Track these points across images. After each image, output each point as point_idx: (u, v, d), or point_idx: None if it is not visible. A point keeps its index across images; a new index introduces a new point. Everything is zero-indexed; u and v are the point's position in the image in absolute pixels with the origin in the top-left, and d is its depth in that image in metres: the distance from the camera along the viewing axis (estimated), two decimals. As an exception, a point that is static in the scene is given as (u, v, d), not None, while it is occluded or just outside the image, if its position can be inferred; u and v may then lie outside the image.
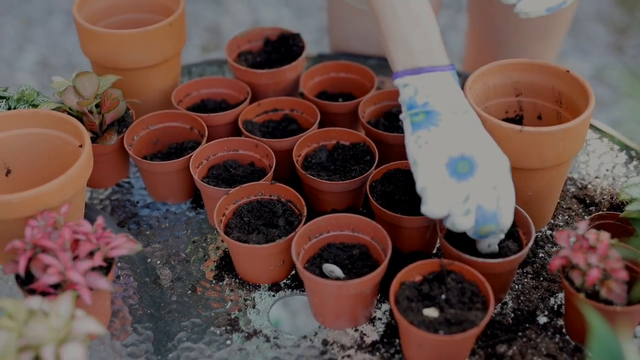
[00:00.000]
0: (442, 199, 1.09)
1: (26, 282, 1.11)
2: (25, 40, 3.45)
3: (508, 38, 1.70)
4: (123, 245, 1.11)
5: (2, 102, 1.31)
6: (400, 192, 1.28)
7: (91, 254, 1.09)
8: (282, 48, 1.56)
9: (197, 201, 1.40)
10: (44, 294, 1.08)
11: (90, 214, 1.32)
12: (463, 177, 1.09)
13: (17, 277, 1.11)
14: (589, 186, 1.40)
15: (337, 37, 1.78)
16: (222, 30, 3.45)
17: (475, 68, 1.62)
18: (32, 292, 1.09)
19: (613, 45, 3.37)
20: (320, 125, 1.42)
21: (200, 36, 3.43)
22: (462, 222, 1.09)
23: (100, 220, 1.12)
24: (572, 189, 1.40)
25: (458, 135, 1.11)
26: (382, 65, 1.70)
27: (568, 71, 1.26)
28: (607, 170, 1.43)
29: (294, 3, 3.61)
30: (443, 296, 1.11)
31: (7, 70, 3.24)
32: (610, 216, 1.23)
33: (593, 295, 1.09)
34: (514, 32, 1.69)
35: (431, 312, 1.09)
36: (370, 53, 1.73)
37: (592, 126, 1.53)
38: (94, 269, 1.11)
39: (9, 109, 1.30)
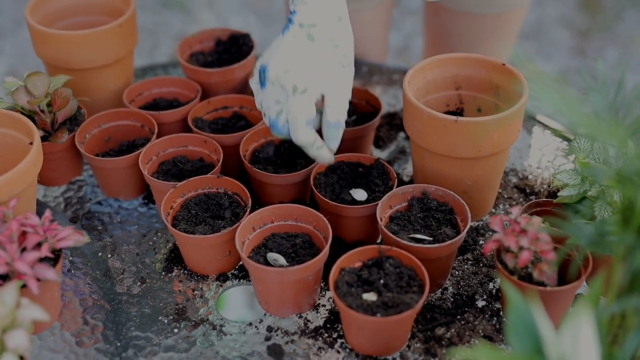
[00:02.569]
0: (255, 98, 1.29)
1: (-25, 274, 1.14)
2: (-5, 51, 3.47)
3: (460, 40, 1.75)
4: (70, 236, 1.14)
5: (-45, 102, 1.34)
6: (344, 183, 1.32)
7: (39, 246, 1.13)
8: (232, 48, 1.60)
9: (148, 197, 1.43)
10: (-8, 285, 1.11)
11: (42, 211, 1.35)
12: (262, 85, 1.25)
13: (-34, 269, 1.14)
14: (530, 177, 1.44)
15: None
16: (191, 38, 3.48)
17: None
18: (-20, 283, 1.11)
19: (576, 49, 3.43)
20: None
21: (169, 45, 3.46)
22: (265, 121, 1.27)
23: (47, 213, 1.15)
24: (514, 179, 1.44)
25: (281, 47, 1.23)
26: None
27: (504, 64, 1.31)
28: (549, 161, 1.48)
29: (262, 11, 3.66)
30: (381, 281, 1.15)
31: (-24, 81, 3.26)
32: (546, 203, 1.27)
33: (526, 278, 1.13)
34: (465, 35, 1.74)
35: (370, 297, 1.13)
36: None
37: (534, 119, 1.57)
38: (42, 260, 1.14)
39: (-38, 109, 1.33)
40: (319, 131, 1.26)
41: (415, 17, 3.58)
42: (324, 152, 1.24)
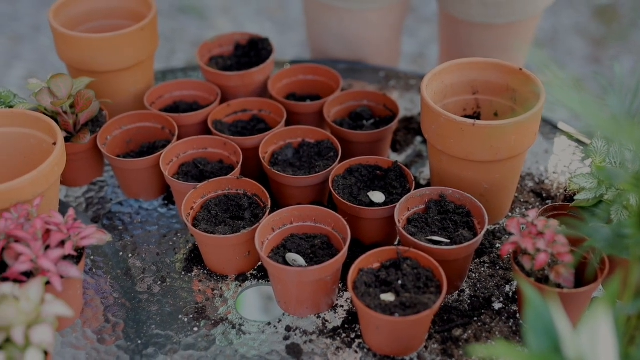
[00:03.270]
0: None
1: (0, 271, 1.16)
2: (13, 56, 3.50)
3: (473, 51, 1.77)
4: (93, 235, 1.16)
5: (-21, 103, 1.36)
6: (362, 185, 1.34)
7: (62, 244, 1.14)
8: (251, 52, 1.62)
9: (168, 198, 1.45)
10: (16, 282, 1.13)
11: (64, 211, 1.37)
12: None
13: (-9, 266, 1.16)
14: (546, 181, 1.46)
15: (315, 41, 1.85)
16: (207, 44, 3.50)
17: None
18: (5, 280, 1.13)
19: (590, 57, 3.43)
20: (288, 126, 1.47)
21: (186, 50, 3.49)
22: None
23: (71, 211, 1.17)
24: (530, 184, 1.45)
25: None
26: (351, 69, 1.76)
27: (521, 69, 1.32)
28: (565, 166, 1.49)
29: (278, 18, 3.68)
30: (399, 282, 1.16)
31: (-5, 86, 3.30)
32: (563, 207, 1.28)
33: (543, 280, 1.14)
34: (478, 45, 1.75)
35: (388, 297, 1.14)
36: (342, 54, 1.80)
37: (551, 124, 1.58)
38: (65, 258, 1.16)
39: (-14, 110, 1.35)
40: None
41: (430, 25, 3.60)
42: None
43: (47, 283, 1.11)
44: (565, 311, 1.09)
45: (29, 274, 1.14)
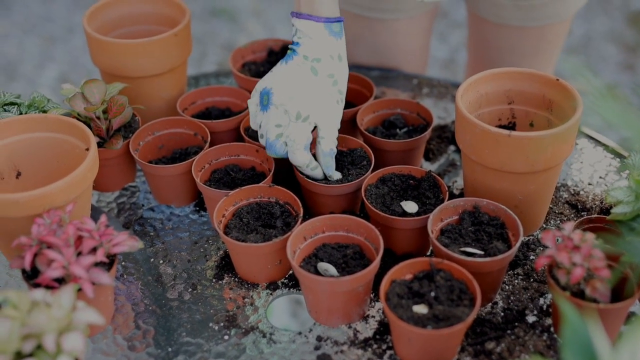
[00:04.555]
0: (252, 118, 1.35)
1: (32, 277, 1.16)
2: (47, 57, 3.53)
3: (503, 57, 1.75)
4: (125, 242, 1.16)
5: (13, 107, 1.37)
6: (394, 195, 1.32)
7: (94, 250, 1.14)
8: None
9: (200, 204, 1.45)
10: (48, 288, 1.13)
11: (96, 216, 1.38)
12: (263, 107, 1.31)
13: (24, 271, 1.16)
14: (582, 192, 1.44)
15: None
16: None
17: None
18: (37, 286, 1.14)
19: (624, 64, 3.40)
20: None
21: (217, 54, 3.49)
22: (261, 141, 1.33)
23: (103, 218, 1.17)
24: (565, 195, 1.43)
25: (285, 75, 1.29)
26: (383, 76, 1.75)
27: (558, 79, 1.30)
28: (600, 177, 1.47)
29: (309, 22, 3.67)
30: (432, 293, 1.15)
31: (28, 87, 3.32)
32: (599, 220, 1.26)
33: (578, 294, 1.12)
34: (507, 48, 1.74)
35: (420, 309, 1.13)
36: (372, 62, 1.78)
37: (586, 135, 1.56)
38: (96, 264, 1.16)
39: (20, 114, 1.36)
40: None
41: (461, 30, 3.58)
42: (317, 173, 1.34)
43: (79, 290, 1.11)
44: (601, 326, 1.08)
45: (60, 280, 1.14)
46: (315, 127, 1.31)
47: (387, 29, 1.73)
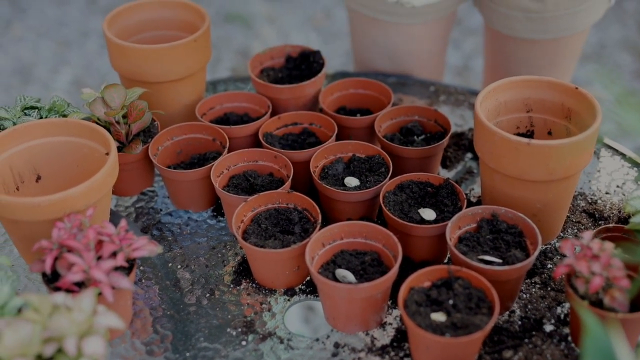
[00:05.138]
0: None
1: (52, 281, 1.16)
2: (61, 61, 3.54)
3: (519, 66, 1.75)
4: (144, 246, 1.16)
5: (34, 111, 1.37)
6: (412, 202, 1.33)
7: (114, 255, 1.15)
8: (303, 65, 1.61)
9: (217, 210, 1.45)
10: (68, 291, 1.13)
11: (115, 220, 1.38)
12: None
13: (44, 275, 1.17)
14: (599, 201, 1.43)
15: (360, 54, 1.84)
16: (252, 53, 3.52)
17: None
18: (57, 289, 1.14)
19: (638, 72, 3.39)
20: (339, 140, 1.47)
21: (231, 59, 3.50)
22: None
23: (123, 222, 1.17)
24: (582, 203, 1.43)
25: None
26: (401, 82, 1.75)
27: (577, 88, 1.30)
28: (618, 186, 1.47)
29: (323, 28, 3.68)
30: (450, 301, 1.15)
31: (42, 90, 3.34)
32: (617, 229, 1.26)
33: (597, 304, 1.12)
34: (524, 63, 1.74)
35: (438, 317, 1.13)
36: (388, 67, 1.79)
37: (604, 144, 1.56)
38: (116, 269, 1.17)
39: (40, 118, 1.37)
40: None
41: (475, 37, 3.58)
42: None
43: (99, 294, 1.11)
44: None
45: (80, 284, 1.15)
46: None
47: (401, 33, 1.74)
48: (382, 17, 1.71)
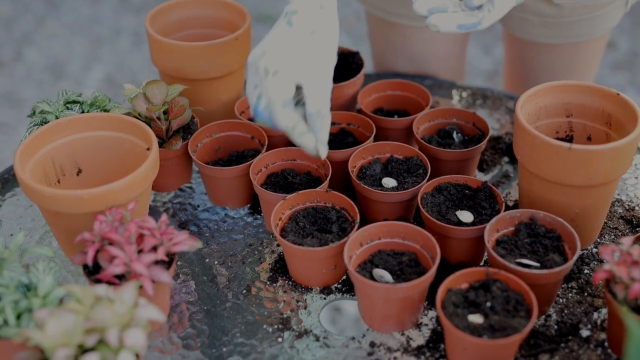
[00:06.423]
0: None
1: (93, 273, 1.18)
2: (93, 58, 3.57)
3: (536, 73, 1.75)
4: (185, 241, 1.17)
5: (76, 106, 1.39)
6: (450, 204, 1.33)
7: (154, 249, 1.16)
8: (342, 65, 1.62)
9: (254, 207, 1.46)
10: (109, 284, 1.14)
11: (153, 215, 1.39)
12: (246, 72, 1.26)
13: (85, 267, 1.18)
14: (637, 208, 1.43)
15: (379, 56, 1.85)
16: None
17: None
18: (98, 281, 1.15)
19: (671, 81, 3.37)
20: (376, 141, 1.47)
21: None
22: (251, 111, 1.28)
23: (164, 217, 1.18)
24: (620, 210, 1.43)
25: (266, 36, 1.27)
26: (437, 85, 1.75)
27: (618, 94, 1.30)
28: (656, 193, 1.46)
29: (354, 30, 3.69)
30: (488, 304, 1.15)
31: (74, 87, 3.37)
32: (656, 236, 1.25)
33: (636, 310, 1.12)
34: (542, 68, 1.73)
35: (476, 318, 1.13)
36: (408, 69, 1.79)
37: (641, 150, 1.56)
38: (156, 262, 1.18)
39: (82, 112, 1.38)
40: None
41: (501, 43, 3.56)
42: (306, 140, 1.23)
43: (139, 287, 1.12)
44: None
45: (120, 277, 1.16)
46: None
47: (420, 36, 1.74)
48: (400, 21, 1.71)
